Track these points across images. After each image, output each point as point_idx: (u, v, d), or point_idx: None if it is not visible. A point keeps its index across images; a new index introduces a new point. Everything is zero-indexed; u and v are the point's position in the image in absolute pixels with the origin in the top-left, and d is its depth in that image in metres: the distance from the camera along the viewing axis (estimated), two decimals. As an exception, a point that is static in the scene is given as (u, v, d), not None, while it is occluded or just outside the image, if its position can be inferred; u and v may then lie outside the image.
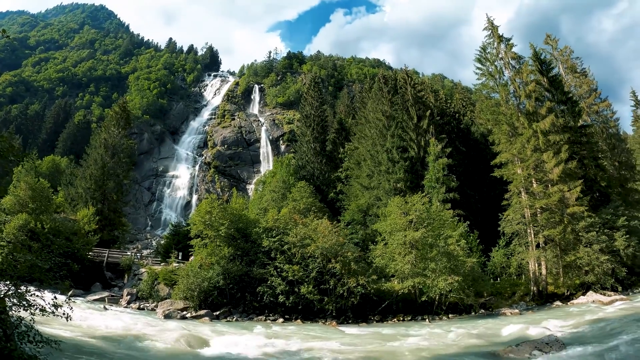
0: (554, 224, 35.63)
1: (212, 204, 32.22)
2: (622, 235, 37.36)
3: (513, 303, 33.50)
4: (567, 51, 57.03)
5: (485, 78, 42.13)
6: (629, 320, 21.63)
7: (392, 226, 31.43)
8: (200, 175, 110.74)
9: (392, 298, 29.69)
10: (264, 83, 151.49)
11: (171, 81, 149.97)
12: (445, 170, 42.96)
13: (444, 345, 18.43)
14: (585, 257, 34.59)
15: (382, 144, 47.02)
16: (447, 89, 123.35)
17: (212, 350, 16.76)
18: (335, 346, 18.55)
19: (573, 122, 44.43)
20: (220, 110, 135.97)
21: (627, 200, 45.71)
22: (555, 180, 36.02)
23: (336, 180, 55.11)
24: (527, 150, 36.94)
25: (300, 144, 63.90)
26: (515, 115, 39.25)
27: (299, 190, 47.12)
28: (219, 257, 30.39)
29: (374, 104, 52.61)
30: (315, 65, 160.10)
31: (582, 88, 53.90)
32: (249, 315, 28.74)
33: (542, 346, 15.67)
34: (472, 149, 54.00)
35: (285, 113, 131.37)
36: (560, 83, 48.15)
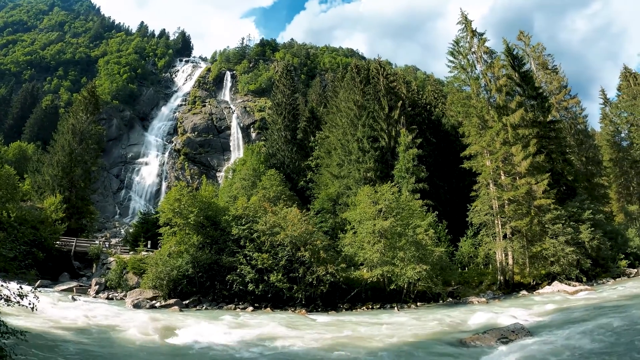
0: (521, 215, 36.36)
1: (181, 191, 31.73)
2: (587, 228, 38.50)
3: (480, 292, 34.07)
4: (539, 48, 58.09)
5: (458, 71, 42.46)
6: (592, 309, 22.13)
7: (362, 215, 31.56)
8: (170, 162, 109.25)
9: (361, 286, 29.82)
10: (236, 70, 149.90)
11: (142, 66, 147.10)
12: (415, 161, 43.40)
13: (412, 333, 18.56)
14: (551, 248, 35.50)
15: (353, 134, 47.20)
16: (419, 80, 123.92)
17: (182, 340, 16.54)
18: (305, 334, 18.52)
19: (542, 117, 45.32)
20: (191, 96, 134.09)
21: (593, 194, 47.02)
22: (523, 173, 36.69)
23: (306, 169, 55.22)
24: (497, 143, 37.48)
25: (271, 132, 63.55)
26: (485, 108, 39.75)
27: (269, 179, 46.98)
28: (188, 246, 30.01)
29: (346, 94, 52.75)
30: (288, 53, 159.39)
31: (552, 84, 55.01)
32: (219, 304, 28.48)
33: (508, 334, 15.88)
34: (442, 140, 54.54)
35: (256, 100, 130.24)
36: (531, 79, 49.03)
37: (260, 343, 16.34)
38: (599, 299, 26.74)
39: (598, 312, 21.06)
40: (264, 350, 15.27)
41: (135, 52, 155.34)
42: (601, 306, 23.12)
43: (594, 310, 21.68)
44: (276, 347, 15.89)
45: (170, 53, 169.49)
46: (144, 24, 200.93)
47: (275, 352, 15.11)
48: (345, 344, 16.33)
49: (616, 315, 19.21)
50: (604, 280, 37.85)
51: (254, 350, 15.20)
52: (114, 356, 14.14)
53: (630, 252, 46.55)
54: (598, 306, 23.22)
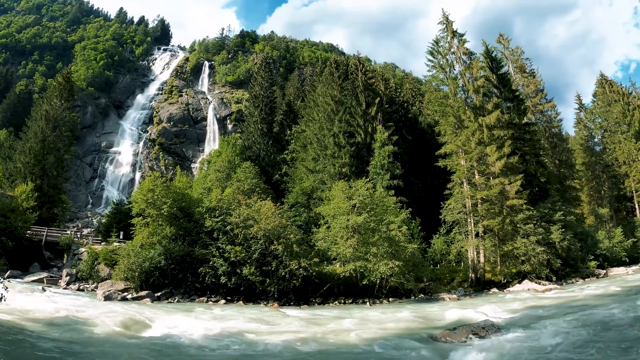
0: (493, 214, 36.90)
1: (155, 181, 31.23)
2: (558, 228, 39.36)
3: (452, 289, 34.53)
4: (518, 51, 58.87)
5: (436, 70, 42.82)
6: (561, 308, 22.62)
7: (336, 210, 31.66)
8: (145, 152, 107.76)
9: (334, 281, 29.90)
10: (214, 60, 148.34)
11: (119, 53, 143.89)
12: (390, 158, 43.62)
13: (384, 328, 18.63)
14: (522, 247, 36.24)
15: (329, 128, 47.24)
16: (398, 78, 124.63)
17: (153, 333, 16.33)
18: (277, 328, 18.47)
19: (518, 119, 46.02)
20: (168, 85, 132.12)
21: (564, 196, 47.97)
22: (497, 173, 37.23)
23: (282, 162, 55.10)
24: (472, 143, 37.95)
25: (248, 124, 63.26)
26: (462, 108, 40.17)
27: (244, 171, 46.70)
28: (161, 237, 29.57)
29: (324, 88, 52.70)
30: (268, 45, 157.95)
31: (529, 88, 55.85)
32: (191, 297, 28.18)
33: (478, 330, 16.03)
34: (418, 138, 55.02)
35: (234, 92, 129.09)
36: (509, 81, 49.72)
37: (232, 336, 16.22)
38: (568, 298, 27.30)
39: (566, 310, 21.47)
40: (235, 343, 15.19)
41: (113, 38, 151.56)
42: (570, 305, 23.63)
43: (562, 309, 22.12)
44: (248, 340, 15.81)
45: (148, 41, 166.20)
46: (123, 10, 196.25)
47: (246, 346, 15.02)
48: (317, 339, 16.33)
49: (583, 313, 19.68)
50: (574, 280, 38.79)
51: (225, 343, 15.10)
52: (84, 349, 13.88)
53: (600, 253, 47.71)
54: (566, 305, 23.73)
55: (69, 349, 13.58)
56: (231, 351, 14.25)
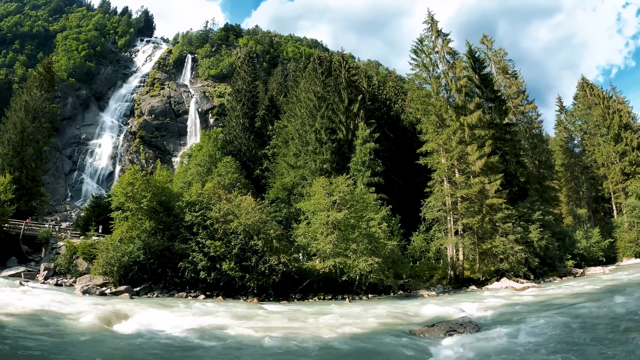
0: (473, 213, 37.28)
1: (135, 175, 30.86)
2: (536, 228, 39.99)
3: (431, 286, 34.80)
4: (501, 53, 59.39)
5: (419, 69, 43.05)
6: (538, 305, 22.87)
7: (316, 206, 31.66)
8: (125, 145, 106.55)
9: (314, 277, 29.93)
10: (197, 53, 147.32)
11: (101, 44, 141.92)
12: (371, 155, 43.79)
13: (363, 324, 18.56)
14: (501, 246, 36.67)
15: (311, 124, 47.29)
16: (381, 75, 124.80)
17: (131, 328, 16.07)
18: (256, 324, 18.32)
19: (499, 120, 46.51)
20: (150, 78, 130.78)
21: (543, 196, 48.65)
22: (477, 172, 37.60)
23: (263, 158, 55.04)
24: (453, 142, 38.24)
25: (230, 118, 63.20)
26: (444, 107, 40.48)
27: (224, 166, 46.59)
28: (140, 231, 29.24)
29: (307, 84, 52.68)
30: (252, 39, 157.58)
31: (511, 89, 56.39)
32: (170, 292, 27.94)
33: (456, 327, 16.04)
34: (400, 136, 55.32)
35: (216, 86, 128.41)
36: (491, 82, 50.16)
37: (211, 332, 16.09)
38: (545, 296, 27.60)
39: (544, 308, 21.74)
40: (214, 339, 15.04)
41: (95, 28, 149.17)
42: (547, 303, 23.88)
43: (539, 307, 22.39)
44: (227, 335, 15.69)
45: (131, 32, 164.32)
46: (107, 0, 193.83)
47: (225, 341, 14.90)
48: (296, 334, 16.25)
49: (560, 311, 19.85)
50: (551, 279, 39.37)
51: (204, 338, 14.96)
52: (61, 345, 13.62)
53: (577, 253, 48.50)
54: (544, 303, 23.98)
55: (46, 344, 13.35)
56: (209, 347, 14.13)
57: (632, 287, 28.07)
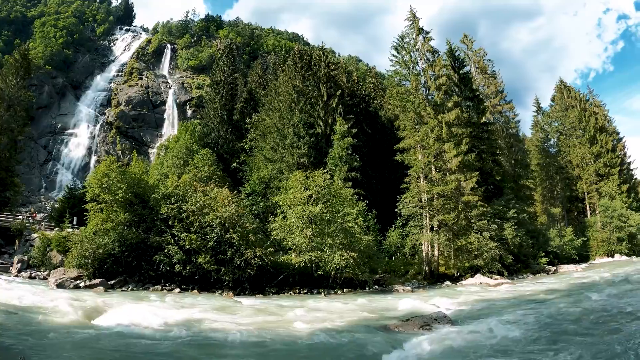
0: (448, 209, 37.77)
1: (110, 166, 30.31)
2: (511, 225, 40.69)
3: (406, 281, 35.21)
4: (481, 52, 59.93)
5: (399, 66, 43.36)
6: (512, 301, 23.33)
7: (292, 200, 31.63)
8: (101, 135, 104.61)
9: (289, 271, 29.85)
10: (177, 44, 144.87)
11: (80, 31, 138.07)
12: (349, 150, 43.90)
13: (338, 319, 18.58)
14: (476, 242, 37.26)
15: (289, 118, 47.09)
16: (361, 71, 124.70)
17: (106, 322, 15.85)
18: (231, 317, 18.27)
19: (477, 118, 47.08)
20: (128, 67, 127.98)
21: (518, 195, 49.45)
22: (454, 170, 38.09)
23: (240, 151, 54.68)
24: (430, 139, 38.63)
25: (208, 110, 62.52)
26: (423, 104, 40.80)
27: (201, 158, 46.27)
28: (115, 223, 28.81)
29: (286, 78, 52.39)
30: (232, 31, 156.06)
31: (489, 88, 56.99)
32: (145, 285, 27.53)
33: (430, 321, 16.17)
34: (378, 132, 55.53)
35: (195, 77, 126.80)
36: (470, 81, 50.69)
37: (186, 325, 15.98)
38: (518, 292, 28.18)
39: (516, 304, 22.17)
40: (188, 332, 14.94)
41: (74, 15, 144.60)
42: (520, 299, 24.41)
43: (512, 302, 22.85)
44: (201, 329, 15.61)
45: (110, 20, 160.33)
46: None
47: (200, 335, 14.81)
48: (271, 328, 16.25)
49: (533, 307, 20.31)
50: (525, 276, 40.14)
51: (179, 332, 14.84)
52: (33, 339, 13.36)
53: (551, 250, 49.53)
54: (517, 299, 24.51)
55: (18, 338, 13.12)
56: (184, 340, 14.04)
57: (603, 285, 28.73)
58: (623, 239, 60.48)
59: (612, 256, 59.99)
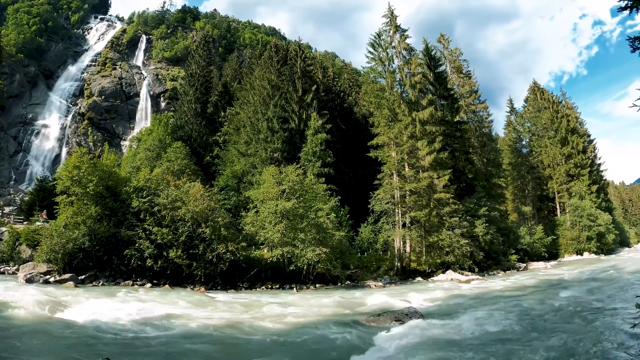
0: (421, 206, 38.15)
1: (81, 158, 29.73)
2: (482, 223, 41.42)
3: (378, 276, 35.42)
4: (456, 52, 60.70)
5: (375, 63, 43.41)
6: (482, 297, 23.76)
7: (265, 194, 31.61)
8: (73, 126, 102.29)
9: (261, 266, 29.87)
10: (152, 34, 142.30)
11: (54, 19, 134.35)
12: (323, 145, 44.14)
13: (310, 314, 18.69)
14: (447, 239, 37.82)
15: (263, 113, 46.97)
16: (337, 67, 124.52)
17: (76, 317, 15.66)
18: (203, 313, 18.21)
19: (450, 117, 47.68)
20: (102, 57, 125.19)
21: (490, 193, 50.34)
22: (427, 167, 38.50)
23: (214, 144, 54.37)
24: (404, 136, 38.94)
25: (182, 103, 61.93)
26: (397, 102, 41.04)
27: (174, 151, 45.92)
28: (86, 217, 28.26)
29: (262, 72, 52.36)
30: (209, 23, 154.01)
31: (464, 88, 57.81)
32: (116, 280, 27.20)
33: (402, 316, 16.40)
34: (352, 128, 55.95)
35: (170, 69, 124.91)
36: (445, 80, 51.28)
37: (157, 321, 15.88)
38: (489, 288, 28.78)
39: (487, 300, 22.63)
40: (159, 328, 14.86)
41: (48, 2, 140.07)
42: (490, 295, 24.91)
43: (483, 298, 23.28)
44: (173, 325, 15.53)
45: (85, 8, 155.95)
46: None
47: (171, 331, 14.74)
48: (243, 323, 16.25)
49: (503, 303, 20.77)
50: (495, 272, 40.96)
51: (149, 328, 14.75)
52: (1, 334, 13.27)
53: (521, 248, 50.58)
54: (487, 295, 24.99)
55: None
56: (155, 336, 13.97)
57: (571, 282, 29.57)
58: (592, 237, 62.17)
59: (581, 254, 61.63)
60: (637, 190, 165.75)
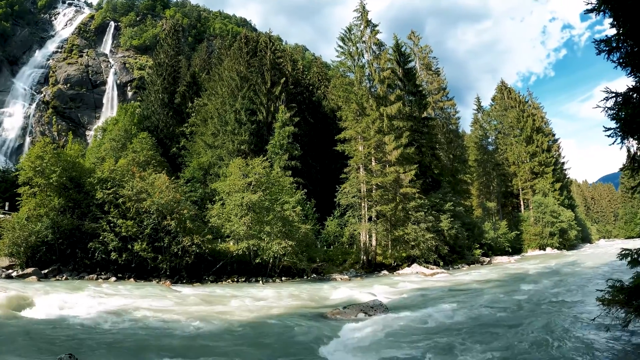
0: (387, 200, 38.68)
1: (45, 147, 29.00)
2: (447, 217, 42.30)
3: (344, 270, 35.83)
4: (426, 49, 61.50)
5: (345, 57, 43.70)
6: (446, 290, 24.09)
7: (231, 187, 31.47)
8: (37, 115, 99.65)
9: (227, 259, 29.82)
10: (121, 21, 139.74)
11: (20, 2, 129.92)
12: (290, 138, 44.30)
13: (275, 306, 18.66)
14: (413, 233, 38.47)
15: (231, 104, 46.80)
16: (307, 61, 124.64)
17: (37, 313, 15.31)
18: (168, 306, 18.07)
19: (418, 113, 48.39)
20: (69, 44, 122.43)
21: (455, 188, 51.37)
22: (393, 162, 39.02)
23: (180, 135, 53.99)
24: (371, 131, 39.33)
25: (149, 92, 61.05)
26: (365, 96, 41.39)
27: (140, 142, 45.22)
28: (49, 209, 27.58)
29: (231, 63, 52.09)
30: (179, 12, 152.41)
31: (432, 85, 58.70)
32: (80, 274, 26.66)
33: (367, 309, 16.48)
34: (320, 121, 56.29)
35: (138, 57, 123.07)
36: (414, 76, 51.96)
37: (121, 315, 15.68)
38: (454, 281, 29.29)
39: (451, 292, 22.99)
40: (124, 322, 14.65)
41: None
42: (455, 288, 25.31)
43: (448, 291, 23.63)
44: (137, 319, 15.34)
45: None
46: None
47: (136, 325, 14.55)
48: (208, 317, 16.16)
49: (467, 296, 21.17)
50: (460, 266, 41.94)
51: (113, 322, 14.53)
52: None
53: (485, 242, 51.83)
54: (452, 288, 25.37)
55: None
56: (118, 330, 13.78)
57: (534, 275, 30.32)
58: (554, 233, 64.25)
59: (544, 249, 63.68)
60: (600, 188, 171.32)
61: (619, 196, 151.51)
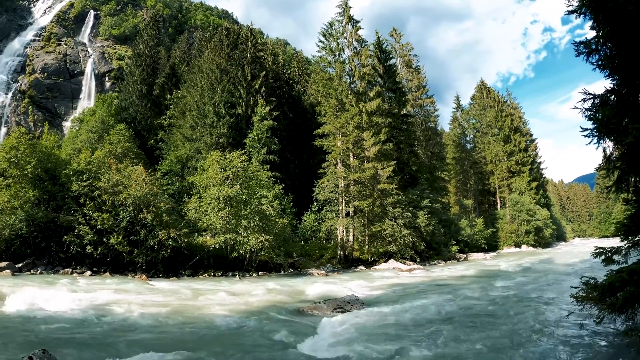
0: (364, 196, 39.01)
1: (20, 138, 28.53)
2: (424, 214, 42.77)
3: (321, 265, 36.04)
4: (407, 47, 61.83)
5: (326, 52, 43.71)
6: (422, 286, 24.36)
7: (208, 180, 31.35)
8: (13, 105, 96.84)
9: (204, 253, 29.77)
10: (101, 10, 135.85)
11: None
12: (269, 132, 44.15)
13: (252, 301, 18.66)
14: (390, 229, 38.85)
15: (210, 97, 46.52)
16: (287, 55, 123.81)
17: (11, 308, 15.15)
18: (143, 300, 17.97)
19: (397, 110, 48.76)
20: (47, 32, 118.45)
21: (433, 185, 51.97)
22: (372, 158, 39.29)
23: (158, 128, 53.40)
24: (350, 126, 39.56)
25: (127, 83, 60.16)
26: (345, 92, 41.51)
27: (117, 133, 44.75)
28: (23, 201, 27.05)
29: (211, 55, 51.63)
30: (160, 2, 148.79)
31: (412, 82, 59.12)
32: (55, 268, 26.31)
33: (343, 304, 16.58)
34: (299, 116, 56.30)
35: (117, 47, 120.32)
36: (394, 73, 52.27)
37: (96, 310, 15.57)
38: (430, 277, 29.64)
39: (428, 288, 23.24)
40: (99, 317, 14.53)
41: None
42: (431, 283, 25.65)
43: (424, 287, 23.88)
44: (113, 313, 15.24)
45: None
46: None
47: (111, 320, 14.42)
48: (184, 311, 16.17)
49: (443, 291, 21.36)
50: (436, 262, 42.51)
51: (88, 317, 14.41)
52: None
53: (461, 239, 52.58)
54: (428, 283, 25.73)
55: None
56: (93, 325, 13.70)
57: (510, 272, 30.77)
58: (530, 231, 65.50)
59: (519, 247, 64.89)
60: (575, 188, 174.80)
61: (594, 196, 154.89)
